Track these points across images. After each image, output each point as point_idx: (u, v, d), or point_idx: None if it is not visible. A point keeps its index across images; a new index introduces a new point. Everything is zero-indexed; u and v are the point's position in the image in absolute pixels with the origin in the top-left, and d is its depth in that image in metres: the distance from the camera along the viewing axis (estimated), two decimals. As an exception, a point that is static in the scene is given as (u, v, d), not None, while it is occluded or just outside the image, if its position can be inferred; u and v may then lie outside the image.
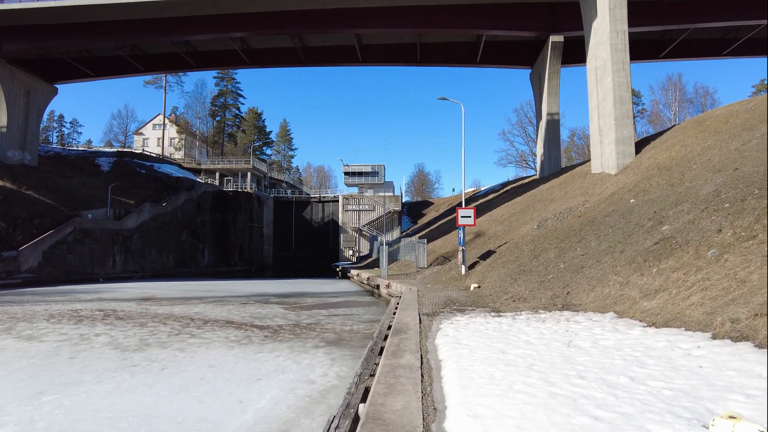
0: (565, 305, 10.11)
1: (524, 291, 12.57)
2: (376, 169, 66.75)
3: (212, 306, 18.22)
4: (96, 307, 17.80)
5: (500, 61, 42.51)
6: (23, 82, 42.55)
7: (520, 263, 14.97)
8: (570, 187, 27.04)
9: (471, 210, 17.46)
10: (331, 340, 11.00)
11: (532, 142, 70.11)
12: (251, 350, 9.86)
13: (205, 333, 12.00)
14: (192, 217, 48.37)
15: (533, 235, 17.98)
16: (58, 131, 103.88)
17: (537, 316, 8.68)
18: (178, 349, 9.97)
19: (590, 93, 28.03)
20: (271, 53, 43.31)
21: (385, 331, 8.78)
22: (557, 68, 37.20)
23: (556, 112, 37.88)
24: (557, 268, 12.74)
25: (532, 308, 10.23)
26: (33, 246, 30.71)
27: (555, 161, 37.34)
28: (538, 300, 11.27)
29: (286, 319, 14.45)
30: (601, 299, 9.27)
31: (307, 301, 20.04)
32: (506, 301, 11.83)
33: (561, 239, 14.91)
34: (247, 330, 12.50)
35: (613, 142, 24.32)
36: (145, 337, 11.46)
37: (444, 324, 8.05)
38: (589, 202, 21.74)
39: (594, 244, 12.80)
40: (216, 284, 31.24)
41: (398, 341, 6.62)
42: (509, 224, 26.45)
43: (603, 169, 25.76)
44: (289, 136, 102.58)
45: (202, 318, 14.78)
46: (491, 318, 8.67)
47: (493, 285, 14.58)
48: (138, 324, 13.52)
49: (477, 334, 6.64)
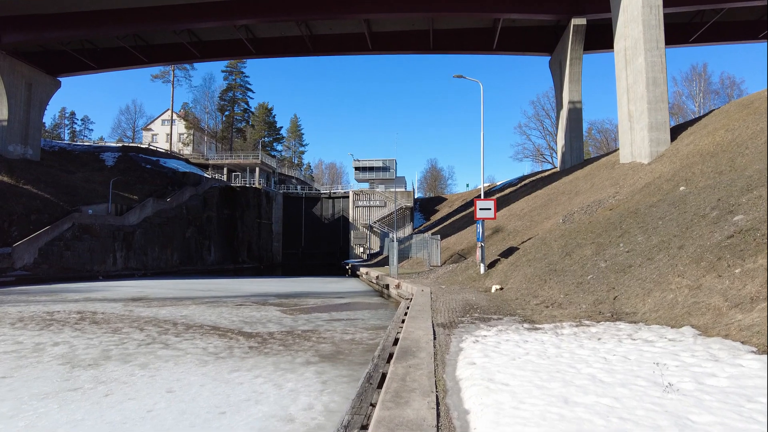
0: (615, 313, 8.13)
1: (558, 294, 10.61)
2: (387, 164, 64.83)
3: (204, 308, 16.54)
4: (77, 308, 16.23)
5: (518, 47, 40.26)
6: (24, 74, 41.45)
7: (550, 261, 12.98)
8: (597, 179, 24.88)
9: (491, 201, 15.49)
10: (326, 353, 9.17)
11: (550, 135, 67.58)
12: (227, 367, 8.07)
13: (182, 342, 10.26)
14: (198, 212, 46.98)
15: (562, 230, 15.95)
16: (69, 128, 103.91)
17: (586, 331, 6.73)
18: (139, 365, 8.22)
19: (618, 77, 25.75)
20: (278, 42, 41.61)
21: (390, 347, 6.92)
22: (579, 53, 34.89)
23: (578, 100, 35.58)
24: (597, 268, 10.75)
25: (573, 317, 8.28)
26: (28, 242, 29.43)
27: (577, 152, 35.07)
28: (577, 306, 9.31)
29: (281, 325, 12.66)
30: (666, 307, 7.28)
31: (309, 302, 18.25)
32: (538, 307, 9.88)
33: (597, 234, 12.88)
34: (232, 339, 10.73)
35: (645, 128, 22.10)
36: (110, 347, 9.75)
37: (466, 342, 6.14)
38: (620, 194, 19.65)
39: (641, 238, 10.77)
40: (218, 283, 29.66)
41: (404, 371, 4.75)
42: (530, 219, 24.41)
43: (634, 159, 23.56)
44: (300, 131, 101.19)
45: (186, 323, 13.07)
46: (527, 333, 6.74)
47: (519, 287, 12.63)
48: (111, 330, 11.84)
49: (516, 363, 4.73)
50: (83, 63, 43.79)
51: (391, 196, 59.31)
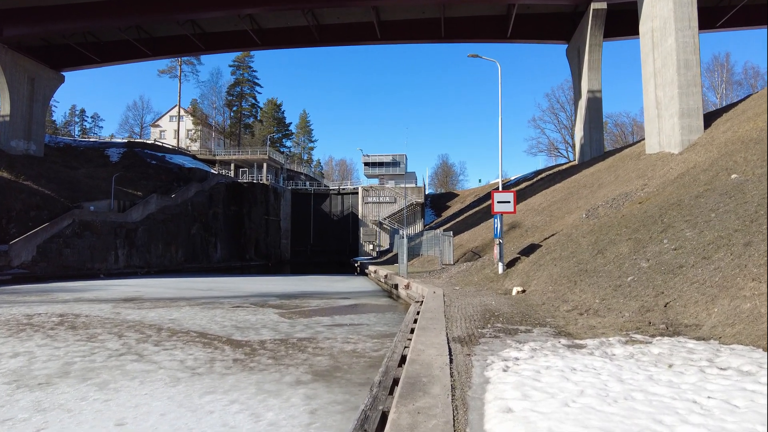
0: (670, 325, 6.64)
1: (592, 299, 9.12)
2: (397, 159, 63.27)
3: (197, 310, 15.29)
4: (61, 310, 15.07)
5: (533, 35, 38.40)
6: (27, 69, 40.62)
7: (579, 260, 11.47)
8: (621, 171, 23.20)
9: (510, 194, 13.97)
10: (321, 369, 7.80)
11: (565, 129, 65.54)
12: (201, 388, 6.73)
13: (159, 354, 8.97)
14: (203, 209, 45.94)
15: (590, 225, 14.39)
16: (79, 125, 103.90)
17: (645, 351, 5.24)
18: (98, 385, 6.92)
19: (644, 61, 23.98)
20: (284, 33, 40.25)
21: (395, 370, 5.53)
22: (599, 39, 33.02)
23: (597, 89, 33.75)
24: (637, 268, 9.23)
25: (618, 329, 6.79)
26: (26, 239, 28.52)
27: (597, 144, 33.26)
28: (618, 314, 7.82)
29: (275, 332, 11.33)
30: (745, 320, 5.77)
31: (311, 304, 16.91)
32: (570, 315, 8.40)
33: (634, 229, 11.33)
34: (217, 349, 9.42)
35: (675, 115, 20.37)
36: (75, 359, 8.48)
37: (494, 368, 4.71)
38: (650, 186, 18.02)
39: (690, 233, 9.22)
40: (221, 281, 28.49)
41: (410, 420, 3.33)
42: (549, 214, 22.82)
43: (662, 148, 21.84)
44: (309, 127, 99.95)
45: (172, 328, 11.80)
46: (569, 353, 5.28)
47: (544, 289, 11.14)
48: (86, 337, 10.61)
49: (571, 412, 3.28)
50: (86, 57, 42.88)
51: (401, 191, 57.80)
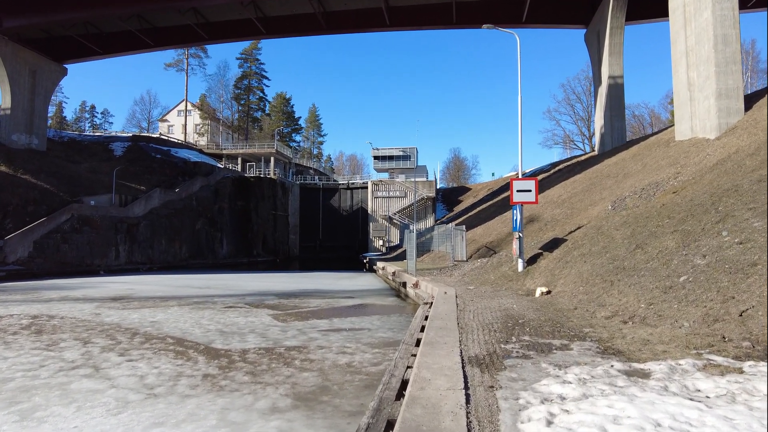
0: (757, 342, 5.03)
1: (635, 303, 7.51)
2: (408, 152, 61.57)
3: (186, 310, 13.96)
4: (37, 311, 13.84)
5: (550, 19, 36.48)
6: (28, 61, 39.73)
7: (614, 256, 9.85)
8: (649, 159, 21.40)
9: (531, 181, 12.35)
10: (306, 390, 6.34)
11: (581, 120, 63.31)
12: (148, 418, 5.31)
13: (120, 366, 7.60)
14: (209, 204, 44.83)
15: (622, 216, 12.72)
16: (90, 121, 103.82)
17: (749, 388, 3.67)
18: (21, 413, 5.55)
19: (674, 40, 22.06)
20: (289, 20, 38.79)
21: (389, 407, 4.04)
22: (621, 21, 31.06)
23: (619, 74, 31.78)
24: (691, 265, 7.60)
25: (684, 346, 5.21)
26: (22, 235, 27.54)
27: (619, 132, 31.34)
28: (674, 322, 6.23)
29: (263, 338, 9.91)
30: None
31: (311, 304, 15.48)
32: (611, 323, 6.82)
33: (680, 219, 9.67)
34: (189, 360, 8.01)
35: (712, 96, 18.51)
36: (16, 375, 7.14)
37: (531, 420, 3.18)
38: (683, 174, 16.28)
39: (758, 224, 7.57)
40: (221, 278, 27.24)
41: None
42: (570, 206, 21.13)
43: (694, 134, 19.98)
44: (318, 121, 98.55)
45: (149, 333, 10.45)
46: (635, 389, 3.73)
47: (573, 290, 9.55)
48: (46, 344, 9.30)
49: None
50: (88, 48, 41.91)
51: (411, 186, 56.17)
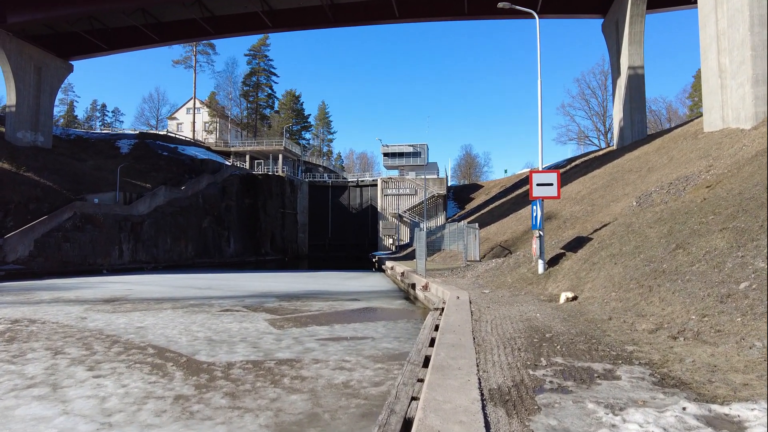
0: None
1: (684, 313, 6.32)
2: (418, 149, 60.31)
3: (178, 314, 13.01)
4: (20, 315, 13.00)
5: (566, 9, 35.08)
6: (33, 57, 39.27)
7: (649, 257, 8.64)
8: (676, 152, 20.02)
9: (553, 174, 11.16)
10: (291, 420, 5.28)
11: (597, 116, 61.55)
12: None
13: (82, 385, 6.61)
14: (216, 202, 44.09)
15: (656, 213, 11.46)
16: (101, 120, 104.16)
17: None
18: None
19: (702, 25, 20.60)
20: (296, 13, 37.87)
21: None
22: (642, 9, 29.59)
23: (640, 65, 30.28)
24: (752, 270, 6.40)
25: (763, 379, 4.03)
26: (22, 233, 26.92)
27: (639, 126, 29.88)
28: (739, 340, 5.04)
29: (255, 348, 8.88)
30: None
31: (313, 307, 14.43)
32: (658, 339, 5.65)
33: (729, 215, 8.43)
34: (165, 375, 7.01)
35: (748, 82, 17.08)
36: (-39, 395, 6.17)
37: None
38: (717, 167, 14.90)
39: (834, 220, 6.31)
40: (225, 278, 26.34)
41: None
42: (591, 203, 19.83)
43: (726, 124, 18.54)
44: (328, 119, 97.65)
45: (130, 341, 9.49)
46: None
47: (604, 296, 8.36)
48: (12, 355, 8.39)
49: None
50: (93, 44, 41.41)
51: (422, 183, 54.94)
